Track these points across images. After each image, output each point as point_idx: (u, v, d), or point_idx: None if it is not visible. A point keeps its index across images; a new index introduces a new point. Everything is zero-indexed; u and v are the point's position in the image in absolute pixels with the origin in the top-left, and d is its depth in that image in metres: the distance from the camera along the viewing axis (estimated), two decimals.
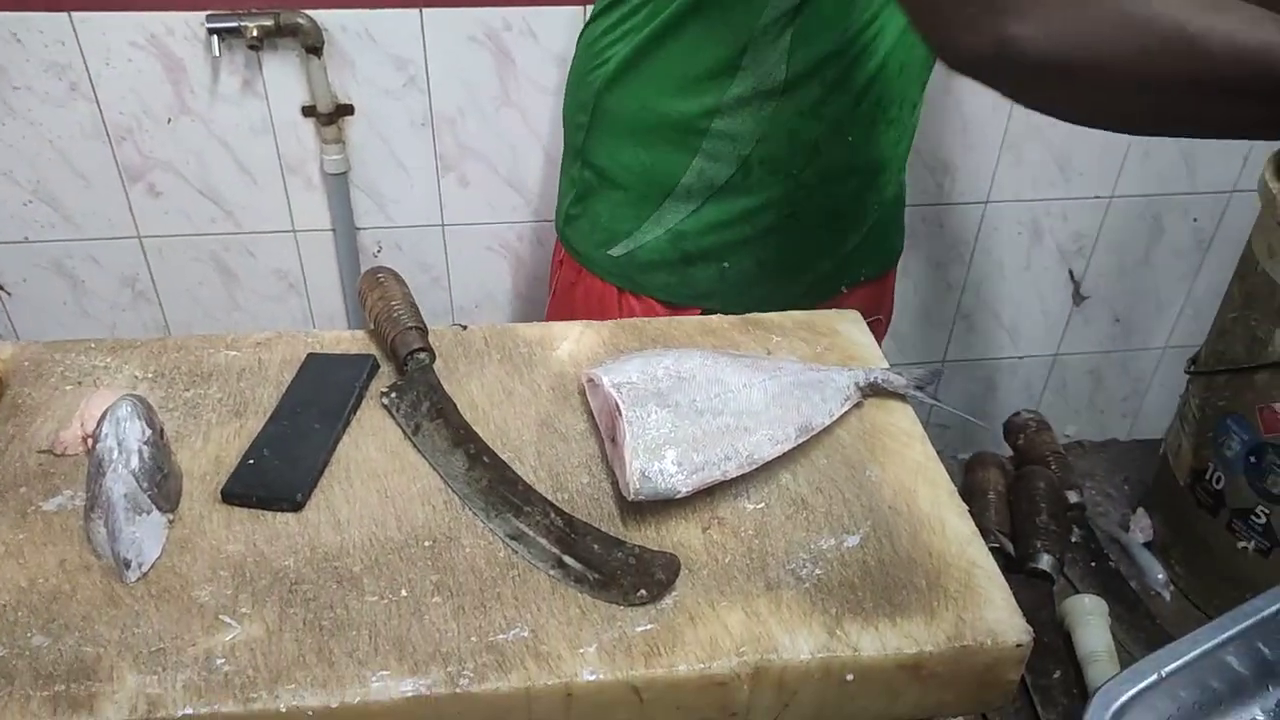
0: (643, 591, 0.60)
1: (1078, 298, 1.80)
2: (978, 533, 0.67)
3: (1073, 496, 0.92)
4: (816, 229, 1.04)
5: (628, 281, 1.06)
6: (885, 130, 0.99)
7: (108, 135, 1.38)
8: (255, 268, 1.53)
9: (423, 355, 0.77)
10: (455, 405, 0.74)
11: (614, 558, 0.62)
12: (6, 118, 1.34)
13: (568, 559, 0.62)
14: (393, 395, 0.75)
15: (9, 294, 1.49)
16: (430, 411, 0.73)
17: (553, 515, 0.65)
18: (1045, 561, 0.84)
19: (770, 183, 0.98)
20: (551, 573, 0.61)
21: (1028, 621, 0.60)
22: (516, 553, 0.63)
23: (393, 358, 0.78)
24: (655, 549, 0.63)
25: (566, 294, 1.13)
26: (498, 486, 0.67)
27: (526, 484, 0.68)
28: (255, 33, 1.28)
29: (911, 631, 0.59)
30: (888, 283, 1.21)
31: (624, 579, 0.60)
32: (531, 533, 0.63)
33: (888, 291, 1.22)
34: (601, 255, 1.07)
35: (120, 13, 1.28)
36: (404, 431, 0.72)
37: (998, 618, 0.60)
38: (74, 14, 1.28)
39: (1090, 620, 0.77)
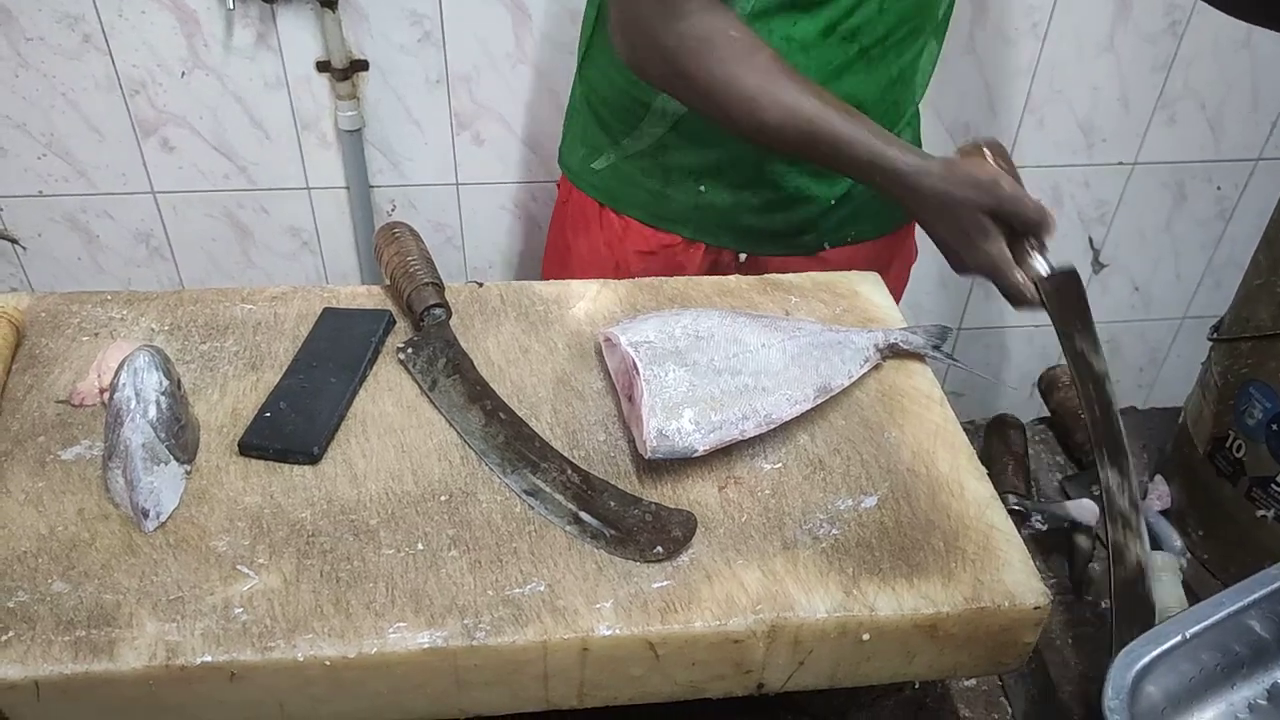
0: (659, 549, 0.60)
1: (1096, 265, 1.77)
2: (996, 496, 0.66)
3: None
4: (791, 167, 0.98)
5: (608, 197, 1.06)
6: (864, 69, 0.92)
7: (121, 88, 1.36)
8: (269, 225, 1.52)
9: (439, 311, 0.77)
10: (472, 361, 0.74)
11: (631, 515, 0.62)
12: (20, 69, 1.33)
13: (584, 515, 0.62)
14: (409, 351, 0.74)
15: (24, 248, 1.49)
16: (447, 367, 0.73)
17: (569, 471, 0.65)
18: None
19: None
20: (568, 529, 0.61)
21: None
22: (533, 509, 0.63)
23: (409, 313, 0.78)
24: (672, 507, 0.63)
25: (559, 212, 1.14)
26: (514, 442, 0.67)
27: (543, 440, 0.67)
28: None
29: (929, 592, 0.59)
30: (885, 251, 1.10)
31: (640, 535, 0.60)
32: (548, 489, 0.63)
33: (885, 261, 1.10)
34: (586, 169, 1.06)
35: None
36: (420, 387, 0.72)
37: (1016, 580, 0.60)
38: None
39: (1163, 577, 0.77)
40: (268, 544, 0.60)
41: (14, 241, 1.48)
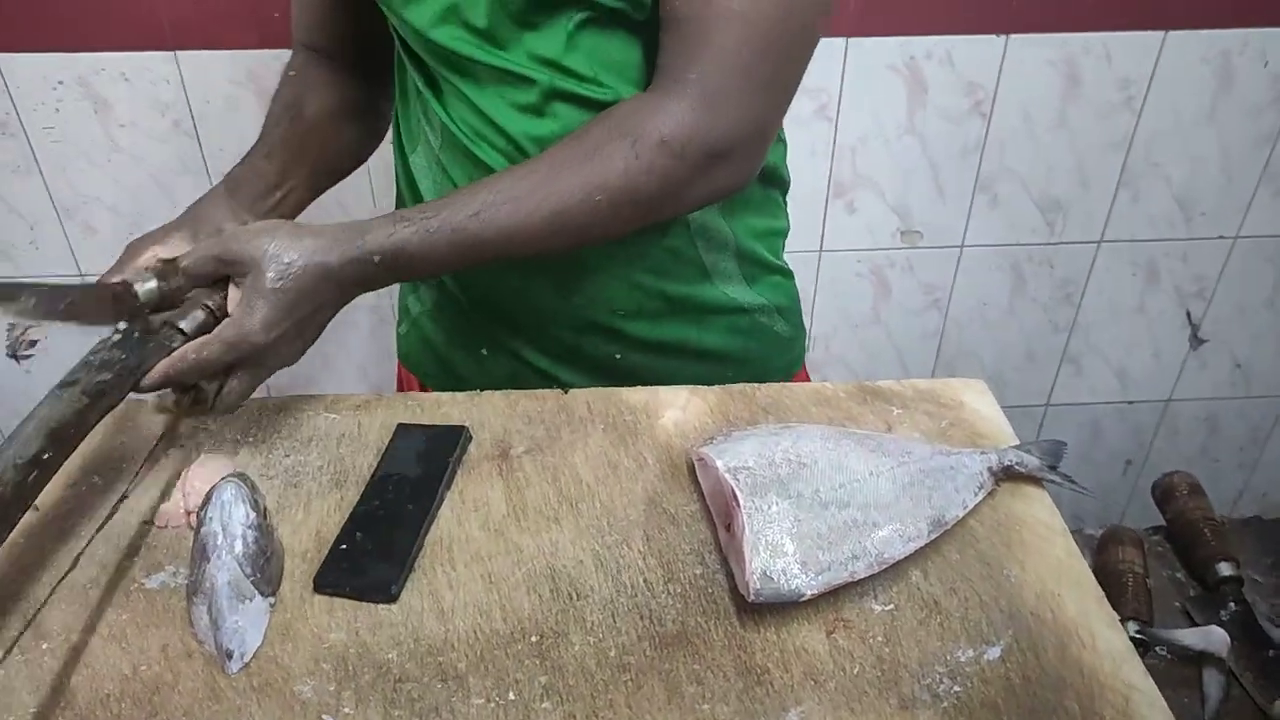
0: None
1: (1195, 341, 1.69)
2: (1133, 649, 0.60)
3: (1226, 569, 0.85)
4: (507, 333, 0.89)
5: (410, 365, 0.98)
6: None
7: (207, 170, 1.39)
8: None
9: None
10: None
11: None
12: (112, 153, 1.37)
13: None
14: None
15: None
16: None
17: None
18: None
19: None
20: None
21: None
22: None
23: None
24: None
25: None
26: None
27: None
28: None
29: None
30: None
31: None
32: None
33: None
34: (398, 333, 1.00)
35: (222, 51, 1.29)
36: None
37: None
38: (179, 53, 1.29)
39: None
40: (353, 689, 0.57)
41: None
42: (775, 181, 0.89)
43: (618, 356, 0.88)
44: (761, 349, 0.92)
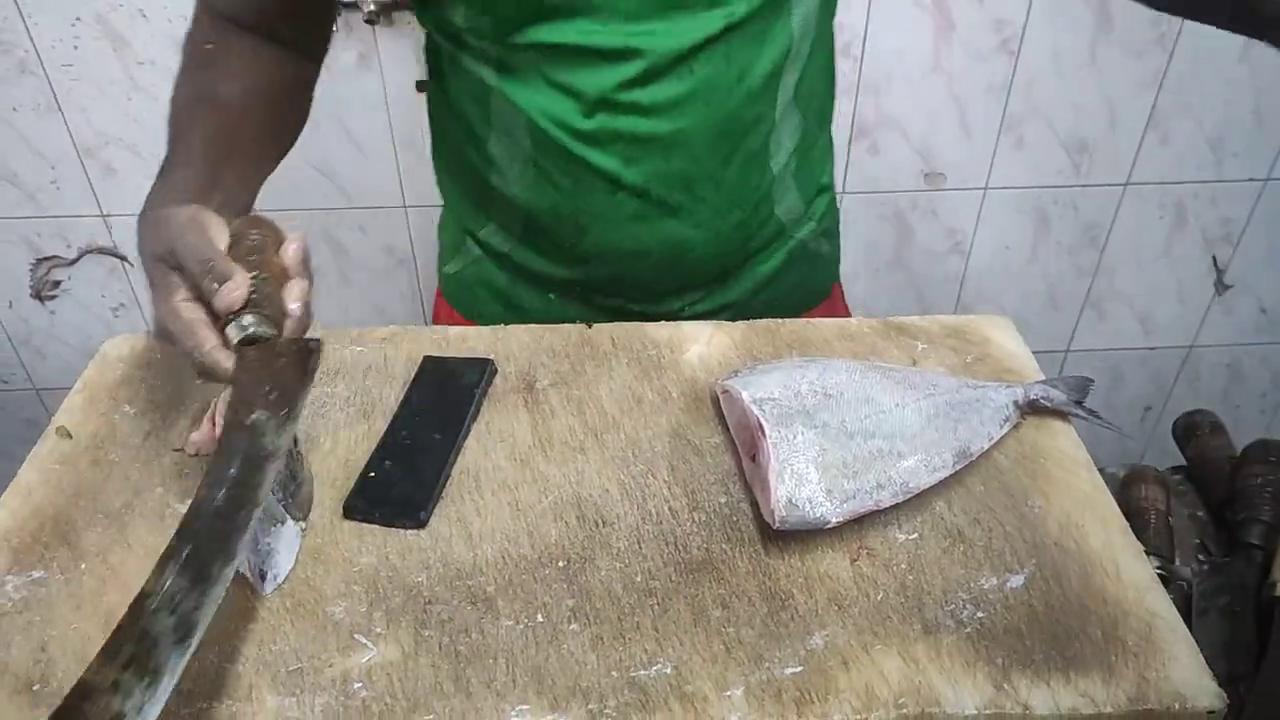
0: None
1: (1220, 286, 1.67)
2: (1156, 579, 0.61)
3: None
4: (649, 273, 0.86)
5: (460, 305, 0.95)
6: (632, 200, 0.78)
7: None
8: (366, 243, 1.53)
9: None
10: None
11: None
12: (132, 92, 1.36)
13: None
14: None
15: (131, 264, 1.53)
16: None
17: None
18: (1256, 533, 0.80)
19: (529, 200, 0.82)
20: None
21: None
22: None
23: None
24: None
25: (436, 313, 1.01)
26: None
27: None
28: (372, 6, 1.26)
29: (1088, 690, 0.54)
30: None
31: None
32: None
33: None
34: (442, 273, 0.96)
35: None
36: None
37: (1185, 678, 0.55)
38: None
39: None
40: (384, 611, 0.58)
41: (122, 259, 1.52)
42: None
43: (684, 311, 0.90)
44: (805, 276, 0.96)
